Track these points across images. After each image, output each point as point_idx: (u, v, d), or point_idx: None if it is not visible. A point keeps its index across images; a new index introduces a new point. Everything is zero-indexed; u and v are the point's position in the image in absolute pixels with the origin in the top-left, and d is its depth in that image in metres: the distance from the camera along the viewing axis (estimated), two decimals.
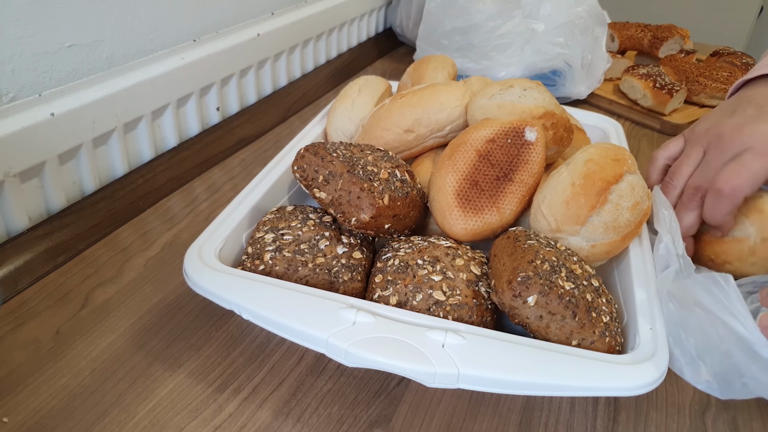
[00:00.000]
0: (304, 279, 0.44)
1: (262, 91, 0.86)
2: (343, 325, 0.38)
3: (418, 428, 0.41)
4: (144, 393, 0.42)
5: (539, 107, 0.53)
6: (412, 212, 0.49)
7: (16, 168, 0.52)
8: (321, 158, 0.47)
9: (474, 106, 0.55)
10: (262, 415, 0.41)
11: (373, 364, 0.37)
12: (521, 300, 0.39)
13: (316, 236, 0.46)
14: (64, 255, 0.55)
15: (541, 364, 0.36)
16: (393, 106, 0.57)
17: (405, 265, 0.43)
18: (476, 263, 0.45)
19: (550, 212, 0.47)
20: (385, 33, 1.20)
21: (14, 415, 0.39)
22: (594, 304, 0.40)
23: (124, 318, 0.48)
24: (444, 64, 0.71)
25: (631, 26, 1.13)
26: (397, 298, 0.42)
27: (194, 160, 0.71)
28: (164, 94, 0.67)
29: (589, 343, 0.39)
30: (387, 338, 0.37)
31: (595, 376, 0.36)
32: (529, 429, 0.41)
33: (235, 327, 0.48)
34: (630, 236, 0.47)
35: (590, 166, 0.46)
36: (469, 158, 0.49)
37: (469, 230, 0.48)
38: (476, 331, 0.38)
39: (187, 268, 0.43)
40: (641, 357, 0.38)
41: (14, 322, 0.47)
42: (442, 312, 0.41)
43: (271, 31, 0.83)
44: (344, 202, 0.45)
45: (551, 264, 0.40)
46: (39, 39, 0.53)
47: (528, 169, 0.49)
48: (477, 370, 0.36)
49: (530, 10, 0.90)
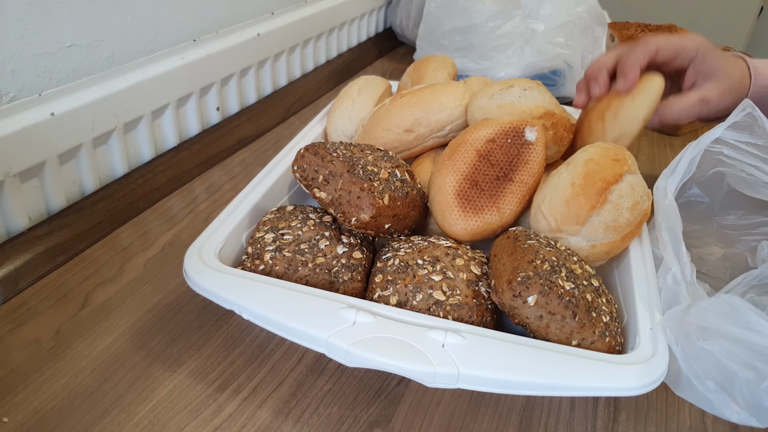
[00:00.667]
0: (304, 279, 0.44)
1: (262, 91, 0.86)
2: (343, 325, 0.38)
3: (418, 428, 0.41)
4: (144, 393, 0.42)
5: (539, 107, 0.53)
6: (412, 212, 0.49)
7: (16, 168, 0.52)
8: (321, 158, 0.47)
9: (474, 106, 0.55)
10: (262, 415, 0.41)
11: (374, 364, 0.37)
12: (521, 300, 0.39)
13: (316, 236, 0.46)
14: (64, 255, 0.55)
15: (541, 364, 0.36)
16: (393, 107, 0.57)
17: (405, 265, 0.43)
18: (476, 263, 0.45)
19: (550, 212, 0.47)
20: (385, 33, 1.21)
21: (14, 415, 0.39)
22: (594, 304, 0.40)
23: (124, 318, 0.48)
24: (444, 64, 0.71)
25: (631, 26, 1.12)
26: (398, 298, 0.42)
27: (194, 160, 0.71)
28: (164, 94, 0.67)
29: (589, 343, 0.39)
30: (387, 338, 0.37)
31: (594, 376, 0.36)
32: (529, 429, 0.41)
33: (235, 327, 0.48)
34: (630, 236, 0.47)
35: (590, 167, 0.46)
36: (469, 158, 0.49)
37: (469, 230, 0.48)
38: (476, 331, 0.38)
39: (187, 268, 0.43)
40: (641, 357, 0.38)
41: (14, 322, 0.47)
42: (442, 312, 0.41)
43: (271, 31, 0.83)
44: (344, 201, 0.45)
45: (551, 264, 0.40)
46: (39, 39, 0.53)
47: (528, 169, 0.49)
48: (477, 370, 0.36)
49: (530, 10, 0.90)
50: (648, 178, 0.78)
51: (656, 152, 0.82)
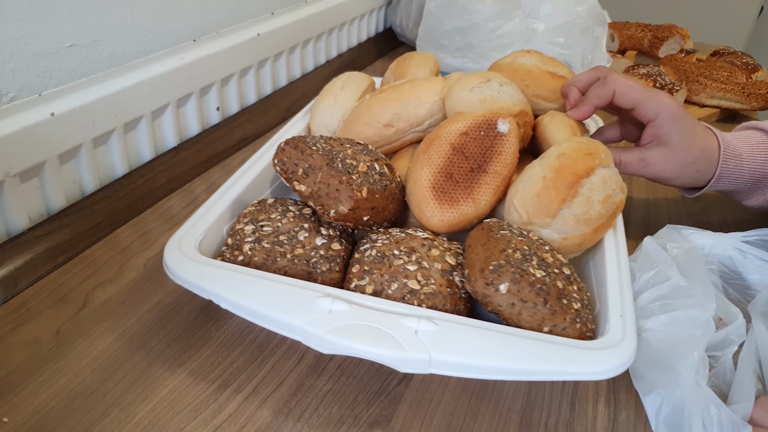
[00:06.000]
0: (283, 269, 0.44)
1: (262, 91, 0.86)
2: (319, 313, 0.39)
3: (418, 428, 0.41)
4: (144, 393, 0.42)
5: (516, 105, 0.54)
6: (390, 205, 0.50)
7: (16, 168, 0.52)
8: (301, 152, 0.48)
9: (453, 97, 0.55)
10: (262, 415, 0.41)
11: (348, 350, 0.37)
12: (493, 288, 0.40)
13: (295, 228, 0.47)
14: (64, 255, 0.55)
15: (510, 349, 0.37)
16: (373, 101, 0.58)
17: (381, 256, 0.44)
18: (452, 254, 0.46)
19: (521, 205, 0.47)
20: (385, 33, 1.21)
21: (14, 415, 0.39)
22: (565, 291, 0.41)
23: (124, 318, 0.48)
24: (426, 60, 0.71)
25: (631, 26, 1.13)
26: (373, 287, 0.43)
27: (194, 160, 0.71)
28: (164, 94, 0.67)
29: (560, 330, 0.40)
30: (361, 325, 0.38)
31: (562, 360, 0.37)
32: (529, 429, 0.41)
33: (235, 327, 0.48)
34: (602, 228, 0.48)
35: (562, 160, 0.47)
36: (443, 152, 0.49)
37: (446, 222, 0.48)
38: (449, 318, 0.39)
39: (166, 259, 0.43)
40: (610, 342, 0.38)
41: (14, 322, 0.47)
42: (416, 300, 0.42)
43: (271, 31, 0.83)
44: (323, 194, 0.46)
45: (523, 253, 0.41)
46: (39, 39, 0.53)
47: (502, 160, 0.50)
48: (448, 356, 0.37)
49: (530, 10, 0.90)
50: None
51: None
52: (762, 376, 0.42)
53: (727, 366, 0.42)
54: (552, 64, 0.66)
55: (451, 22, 0.93)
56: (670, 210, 0.69)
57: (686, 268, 0.46)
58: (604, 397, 0.44)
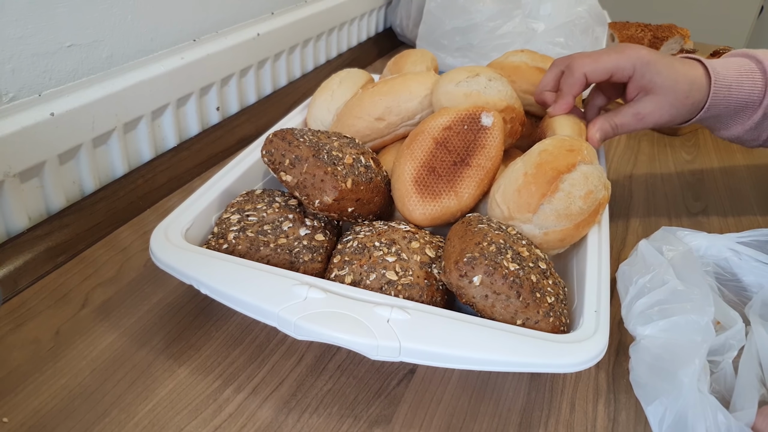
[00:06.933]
0: (266, 258, 0.45)
1: (262, 91, 0.86)
2: (294, 300, 0.39)
3: (418, 428, 0.41)
4: (144, 393, 0.42)
5: (503, 100, 0.54)
6: (376, 197, 0.50)
7: (16, 168, 0.52)
8: (288, 143, 0.49)
9: (439, 91, 0.55)
10: (262, 415, 0.41)
11: (320, 336, 0.38)
12: (467, 279, 0.40)
13: (280, 218, 0.48)
14: (64, 255, 0.55)
15: (480, 339, 0.38)
16: (365, 95, 0.58)
17: (362, 247, 0.45)
18: (432, 246, 0.46)
19: (503, 200, 0.48)
20: (385, 33, 1.21)
21: (14, 415, 0.39)
22: (539, 285, 0.41)
23: (124, 318, 0.48)
24: (423, 58, 0.72)
25: (631, 26, 1.13)
26: (352, 277, 0.43)
27: (194, 160, 0.71)
28: (164, 94, 0.67)
29: (533, 323, 0.40)
30: (335, 313, 0.39)
31: (531, 352, 0.37)
32: (529, 429, 0.41)
33: (235, 327, 0.48)
34: (584, 224, 0.48)
35: (544, 156, 0.47)
36: (426, 146, 0.50)
37: (428, 215, 0.49)
38: (421, 308, 0.40)
39: (152, 245, 0.44)
40: (581, 336, 0.39)
41: (14, 322, 0.47)
42: (393, 291, 0.42)
43: (271, 31, 0.83)
44: (309, 185, 0.47)
45: (498, 246, 0.42)
46: (39, 39, 0.53)
47: (485, 153, 0.50)
48: (418, 344, 0.37)
49: (530, 10, 0.90)
50: (648, 177, 0.78)
51: (656, 152, 0.83)
52: (764, 381, 0.42)
53: (727, 371, 0.42)
54: (542, 60, 0.66)
55: (451, 22, 0.93)
56: (670, 210, 0.69)
57: (683, 272, 0.46)
58: (604, 397, 0.44)
